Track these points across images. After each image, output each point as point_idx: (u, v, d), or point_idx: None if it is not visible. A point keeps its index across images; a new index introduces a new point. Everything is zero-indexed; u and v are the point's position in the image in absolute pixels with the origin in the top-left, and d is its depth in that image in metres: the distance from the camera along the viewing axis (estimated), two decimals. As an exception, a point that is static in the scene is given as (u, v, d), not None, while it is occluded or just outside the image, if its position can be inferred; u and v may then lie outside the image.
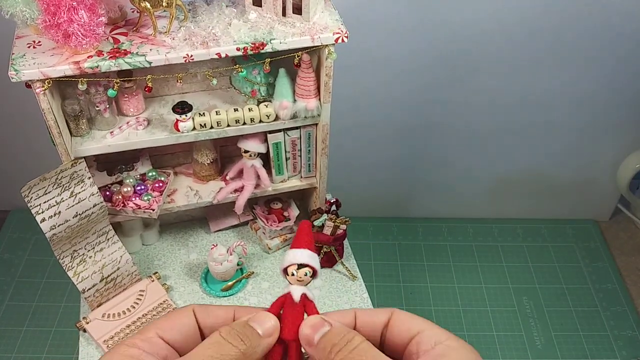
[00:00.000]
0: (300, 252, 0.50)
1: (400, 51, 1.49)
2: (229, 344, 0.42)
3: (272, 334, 0.45)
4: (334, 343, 0.42)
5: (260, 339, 0.44)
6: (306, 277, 0.49)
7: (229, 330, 0.43)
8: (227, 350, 0.42)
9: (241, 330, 0.44)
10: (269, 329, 0.45)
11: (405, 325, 0.46)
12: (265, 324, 0.45)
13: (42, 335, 1.56)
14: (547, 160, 1.79)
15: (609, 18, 1.44)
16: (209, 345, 0.42)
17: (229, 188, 1.16)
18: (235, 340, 0.42)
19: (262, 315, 0.46)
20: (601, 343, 1.64)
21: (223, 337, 0.43)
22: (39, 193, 0.96)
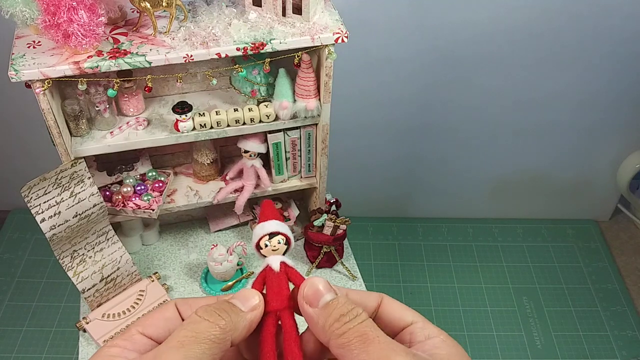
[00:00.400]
0: (268, 222, 0.49)
1: (401, 51, 1.49)
2: (205, 321, 0.41)
3: (255, 309, 0.44)
4: (342, 313, 0.42)
5: (241, 314, 0.43)
6: (280, 244, 0.48)
7: (205, 308, 0.42)
8: (204, 328, 0.41)
9: (219, 307, 0.42)
10: (251, 304, 0.44)
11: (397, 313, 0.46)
12: (248, 300, 0.44)
13: (42, 335, 1.56)
14: (547, 160, 1.79)
15: (610, 19, 1.44)
16: (185, 325, 0.41)
17: (229, 188, 1.16)
18: (212, 317, 0.41)
19: (243, 291, 0.45)
20: (601, 343, 1.64)
21: (199, 316, 0.41)
22: (38, 193, 0.96)
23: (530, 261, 1.84)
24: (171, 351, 0.39)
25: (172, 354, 0.39)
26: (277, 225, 0.49)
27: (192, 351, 0.39)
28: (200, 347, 0.39)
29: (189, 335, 0.40)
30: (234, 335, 0.42)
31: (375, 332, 0.41)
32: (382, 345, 0.40)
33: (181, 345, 0.39)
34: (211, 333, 0.40)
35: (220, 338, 0.41)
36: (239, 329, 0.43)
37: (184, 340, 0.40)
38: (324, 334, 0.42)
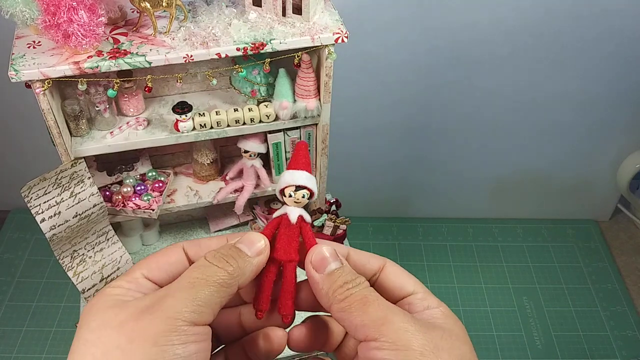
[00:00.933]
0: (299, 173, 0.49)
1: (401, 51, 1.49)
2: (214, 266, 0.42)
3: (261, 253, 0.45)
4: (345, 280, 0.43)
5: (248, 259, 0.44)
6: (304, 199, 0.48)
7: (214, 254, 0.43)
8: (213, 272, 0.41)
9: (227, 253, 0.43)
10: (257, 249, 0.45)
11: (398, 280, 0.46)
12: (254, 244, 0.45)
13: (42, 335, 1.56)
14: (547, 160, 1.79)
15: (610, 20, 1.44)
16: (194, 268, 0.42)
17: (229, 188, 1.16)
18: (221, 262, 0.42)
19: (250, 236, 0.45)
20: (601, 343, 1.64)
21: (208, 261, 0.42)
22: (38, 193, 0.95)
23: (530, 261, 1.84)
24: (183, 290, 0.40)
25: (184, 293, 0.39)
26: (307, 179, 0.49)
27: (202, 292, 0.40)
28: (210, 290, 0.40)
29: (200, 277, 0.40)
30: (240, 280, 0.43)
31: (375, 296, 0.42)
32: (381, 306, 0.41)
33: (192, 285, 0.40)
34: (220, 277, 0.41)
35: (228, 283, 0.41)
36: (246, 273, 0.43)
37: (195, 281, 0.40)
38: (326, 298, 0.43)
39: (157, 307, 0.38)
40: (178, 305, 0.38)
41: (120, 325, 0.38)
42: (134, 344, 0.37)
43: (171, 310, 0.38)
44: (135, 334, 0.37)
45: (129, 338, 0.37)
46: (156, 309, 0.38)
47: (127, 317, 0.38)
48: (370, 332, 0.40)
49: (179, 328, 0.38)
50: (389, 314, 0.41)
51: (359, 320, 0.41)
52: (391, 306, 0.42)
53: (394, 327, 0.40)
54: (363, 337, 0.41)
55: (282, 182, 0.49)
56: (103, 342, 0.38)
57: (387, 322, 0.40)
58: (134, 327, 0.38)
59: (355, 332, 0.41)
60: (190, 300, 0.39)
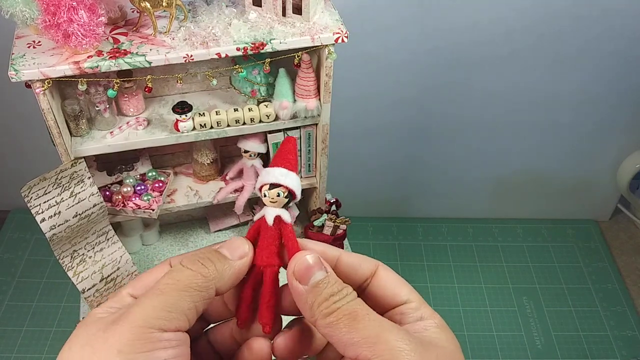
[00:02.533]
0: (274, 170, 0.46)
1: (401, 52, 1.49)
2: (186, 270, 0.40)
3: (243, 256, 0.43)
4: (331, 293, 0.40)
5: (227, 262, 0.42)
6: (280, 197, 0.45)
7: (189, 258, 0.41)
8: (185, 276, 0.39)
9: (203, 256, 0.41)
10: (239, 253, 0.43)
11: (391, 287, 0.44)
12: (236, 249, 0.43)
13: (42, 335, 1.56)
14: (548, 160, 1.79)
15: (610, 21, 1.44)
16: (167, 273, 0.40)
17: (229, 188, 1.16)
18: (195, 265, 0.40)
19: (233, 240, 0.44)
20: (601, 343, 1.64)
21: (182, 265, 0.40)
22: (38, 193, 0.95)
23: (530, 261, 1.84)
24: (151, 297, 0.38)
25: (151, 299, 0.38)
26: (281, 175, 0.45)
27: (172, 298, 0.38)
28: (180, 295, 0.38)
29: (170, 283, 0.39)
30: (218, 284, 0.41)
31: (364, 310, 0.39)
32: (372, 322, 0.38)
33: (160, 292, 0.38)
34: (192, 281, 0.39)
35: (202, 286, 0.40)
36: (224, 277, 0.41)
37: (164, 287, 0.39)
38: (311, 312, 0.40)
39: (124, 316, 0.37)
40: (145, 313, 0.37)
41: (88, 338, 0.37)
42: (96, 355, 0.36)
43: (137, 318, 0.37)
44: (99, 345, 0.36)
45: (93, 349, 0.36)
46: (122, 319, 0.37)
47: (96, 331, 0.38)
48: (362, 350, 0.37)
49: (143, 335, 0.36)
50: (382, 331, 0.38)
51: (347, 337, 0.38)
52: (383, 322, 0.39)
53: (388, 346, 0.37)
54: (354, 356, 0.38)
55: (258, 181, 0.46)
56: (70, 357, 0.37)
57: (381, 341, 0.37)
58: (99, 338, 0.37)
59: (345, 350, 0.39)
60: (158, 307, 0.38)
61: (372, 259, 0.45)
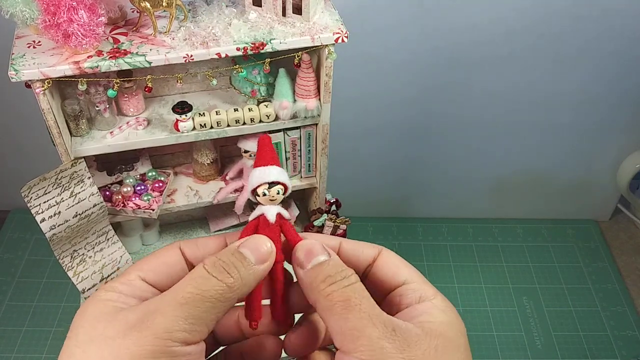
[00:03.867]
0: (269, 169, 0.46)
1: (401, 52, 1.49)
2: (212, 279, 0.38)
3: (266, 260, 0.41)
4: (329, 274, 0.39)
5: (251, 268, 0.40)
6: (279, 195, 0.46)
7: (214, 262, 0.39)
8: (210, 286, 0.37)
9: (228, 261, 0.39)
10: (263, 255, 0.41)
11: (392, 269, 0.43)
12: (260, 248, 0.41)
13: (42, 335, 1.56)
14: (548, 160, 1.79)
15: (610, 20, 1.44)
16: (190, 280, 0.38)
17: (229, 188, 1.16)
18: (221, 274, 0.38)
19: (255, 239, 0.42)
20: (601, 343, 1.63)
21: (207, 271, 0.38)
22: (38, 193, 0.95)
23: (530, 261, 1.84)
24: (174, 307, 0.36)
25: (175, 310, 0.36)
26: (279, 174, 0.46)
27: (196, 309, 0.37)
28: (205, 306, 0.37)
29: (195, 293, 0.37)
30: (241, 292, 0.39)
31: (359, 298, 0.38)
32: (361, 314, 0.37)
33: (185, 301, 0.37)
34: (217, 292, 0.38)
35: (227, 297, 0.38)
36: (248, 284, 0.40)
37: (189, 297, 0.37)
38: (312, 293, 0.39)
39: (146, 324, 0.36)
40: (168, 324, 0.36)
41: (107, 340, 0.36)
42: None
43: (160, 329, 0.35)
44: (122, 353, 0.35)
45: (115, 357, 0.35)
46: (145, 326, 0.36)
47: (115, 332, 0.36)
48: (346, 342, 0.37)
49: (168, 349, 0.35)
50: (367, 325, 0.37)
51: (337, 325, 0.37)
52: (373, 315, 0.38)
53: (369, 342, 0.36)
54: (339, 345, 0.37)
55: (253, 181, 0.46)
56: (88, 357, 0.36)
57: (364, 336, 0.36)
58: (121, 345, 0.35)
59: (334, 338, 0.38)
60: (182, 319, 0.36)
61: (375, 244, 0.44)
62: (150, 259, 0.43)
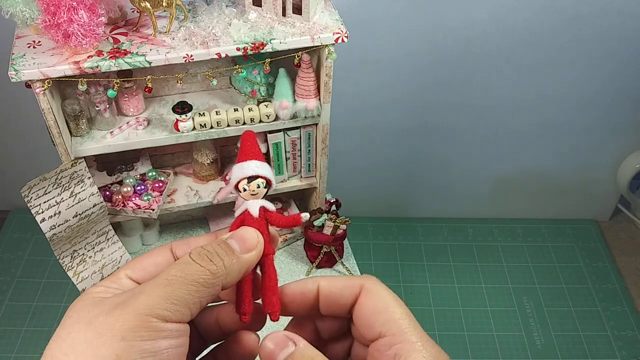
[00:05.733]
0: (247, 163, 0.46)
1: (401, 51, 1.49)
2: (195, 264, 0.39)
3: (252, 249, 0.42)
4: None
5: (235, 257, 0.41)
6: (259, 189, 0.46)
7: (199, 251, 0.40)
8: (193, 271, 0.39)
9: (213, 250, 0.40)
10: (249, 245, 0.42)
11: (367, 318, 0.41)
12: (245, 241, 0.42)
13: (42, 335, 1.56)
14: (548, 160, 1.79)
15: (609, 19, 1.44)
16: (175, 265, 0.39)
17: (229, 188, 1.16)
18: (204, 261, 0.39)
19: (243, 231, 0.43)
20: (601, 343, 1.64)
21: (192, 259, 0.40)
22: (38, 193, 0.95)
23: (530, 261, 1.84)
24: (158, 287, 0.38)
25: (158, 289, 0.38)
26: (257, 167, 0.46)
27: (179, 291, 0.38)
28: (187, 289, 0.38)
29: (178, 275, 0.38)
30: (225, 280, 0.40)
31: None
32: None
33: (168, 283, 0.38)
34: (200, 277, 0.39)
35: (209, 283, 0.39)
36: (232, 273, 0.41)
37: (172, 279, 0.38)
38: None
39: (129, 302, 0.37)
40: (150, 301, 0.37)
41: (91, 320, 0.37)
42: (101, 338, 0.36)
43: (142, 306, 0.37)
44: (104, 328, 0.36)
45: (97, 332, 0.36)
46: (128, 305, 0.37)
47: (98, 313, 0.38)
48: None
49: (148, 324, 0.36)
50: None
51: None
52: None
53: None
54: None
55: (233, 178, 0.46)
56: (72, 337, 0.37)
57: None
58: (104, 322, 0.37)
59: None
60: (164, 298, 0.37)
61: (356, 280, 0.43)
62: (141, 259, 0.44)
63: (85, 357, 0.36)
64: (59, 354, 0.38)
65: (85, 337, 0.37)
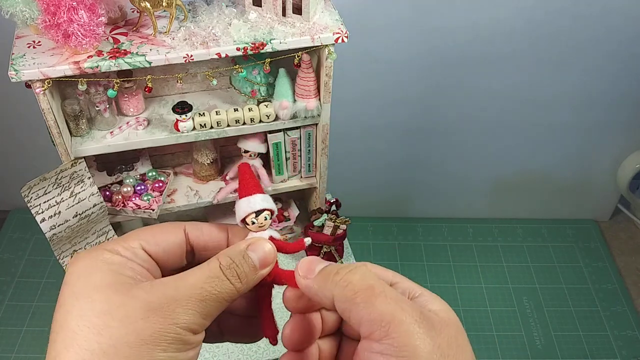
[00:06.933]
0: (254, 198, 0.49)
1: (401, 52, 1.49)
2: (227, 281, 0.42)
3: (268, 264, 0.45)
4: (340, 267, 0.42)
5: (256, 273, 0.44)
6: (267, 220, 0.48)
7: (229, 264, 0.43)
8: (224, 289, 0.42)
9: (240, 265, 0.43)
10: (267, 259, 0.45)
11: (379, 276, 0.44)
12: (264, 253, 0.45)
13: (42, 335, 1.56)
14: (548, 160, 1.79)
15: (610, 20, 1.44)
16: (208, 278, 0.42)
17: (229, 188, 1.16)
18: (234, 278, 0.43)
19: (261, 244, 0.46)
20: (601, 343, 1.64)
21: (223, 272, 0.42)
22: (38, 193, 0.95)
23: (530, 261, 1.84)
24: (194, 302, 0.40)
25: (194, 305, 0.40)
26: (263, 201, 0.49)
27: (210, 306, 0.41)
28: (217, 304, 0.42)
29: (211, 292, 0.41)
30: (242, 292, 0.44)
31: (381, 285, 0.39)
32: (389, 300, 0.38)
33: (203, 299, 0.41)
34: (229, 295, 0.42)
35: (233, 298, 0.43)
36: (250, 286, 0.44)
37: (207, 295, 0.41)
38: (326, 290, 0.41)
39: (167, 312, 0.39)
40: (187, 316, 0.40)
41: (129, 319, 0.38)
42: (142, 346, 0.38)
43: (180, 320, 0.39)
44: (145, 336, 0.38)
45: (139, 339, 0.38)
46: (166, 314, 0.39)
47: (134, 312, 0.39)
48: (376, 329, 0.37)
49: (183, 337, 0.39)
50: (397, 310, 0.37)
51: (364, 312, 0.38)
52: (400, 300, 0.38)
53: (402, 328, 0.37)
54: (367, 334, 0.38)
55: (240, 212, 0.49)
56: (111, 334, 0.38)
57: (395, 322, 0.37)
58: (144, 328, 0.38)
59: (360, 326, 0.38)
60: (199, 313, 0.40)
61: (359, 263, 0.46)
62: (153, 231, 0.46)
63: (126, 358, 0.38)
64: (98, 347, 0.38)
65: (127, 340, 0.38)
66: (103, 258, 0.41)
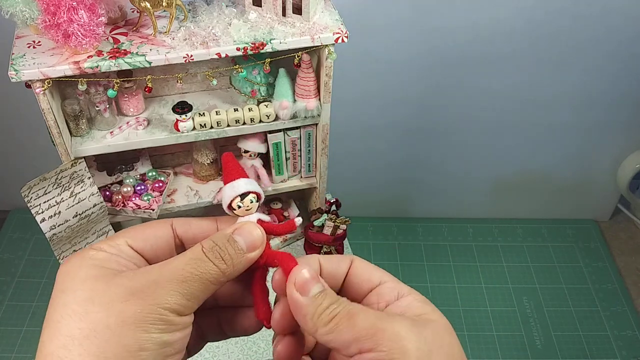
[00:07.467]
0: (237, 182, 0.49)
1: (401, 52, 1.49)
2: (209, 262, 0.42)
3: (256, 248, 0.45)
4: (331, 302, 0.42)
5: (243, 256, 0.44)
6: (253, 203, 0.48)
7: (211, 246, 0.43)
8: (207, 269, 0.42)
9: (224, 247, 0.43)
10: (254, 242, 0.45)
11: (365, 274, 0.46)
12: (251, 236, 0.45)
13: (42, 335, 1.56)
14: (548, 160, 1.79)
15: (610, 20, 1.44)
16: (190, 260, 0.42)
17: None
18: (217, 259, 0.42)
19: (248, 227, 0.45)
20: (601, 343, 1.64)
21: (205, 254, 0.42)
22: (38, 193, 0.95)
23: (530, 261, 1.84)
24: (174, 283, 0.40)
25: (175, 285, 0.40)
26: (247, 184, 0.49)
27: (193, 288, 0.41)
28: (201, 285, 0.41)
29: (193, 272, 0.41)
30: (231, 276, 0.43)
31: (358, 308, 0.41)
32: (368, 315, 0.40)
33: (184, 279, 0.41)
34: (212, 276, 0.42)
35: (219, 281, 0.42)
36: (237, 270, 0.44)
37: (188, 276, 0.41)
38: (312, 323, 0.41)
39: (148, 294, 0.39)
40: (169, 296, 0.40)
41: (110, 304, 0.39)
42: (124, 328, 0.38)
43: (162, 300, 0.39)
44: (126, 317, 0.38)
45: (119, 320, 0.38)
46: (147, 296, 0.39)
47: (116, 297, 0.39)
48: (365, 343, 0.39)
49: (165, 318, 0.39)
50: (377, 321, 0.40)
51: (348, 335, 0.39)
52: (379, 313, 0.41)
53: (387, 333, 0.39)
54: (357, 351, 0.39)
55: (225, 198, 0.49)
56: (92, 319, 0.38)
57: (379, 330, 0.39)
58: (124, 310, 0.38)
59: (348, 349, 0.40)
60: (181, 294, 0.40)
61: (346, 256, 0.47)
62: (141, 229, 0.46)
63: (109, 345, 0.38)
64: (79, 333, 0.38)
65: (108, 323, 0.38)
66: (89, 255, 0.42)
